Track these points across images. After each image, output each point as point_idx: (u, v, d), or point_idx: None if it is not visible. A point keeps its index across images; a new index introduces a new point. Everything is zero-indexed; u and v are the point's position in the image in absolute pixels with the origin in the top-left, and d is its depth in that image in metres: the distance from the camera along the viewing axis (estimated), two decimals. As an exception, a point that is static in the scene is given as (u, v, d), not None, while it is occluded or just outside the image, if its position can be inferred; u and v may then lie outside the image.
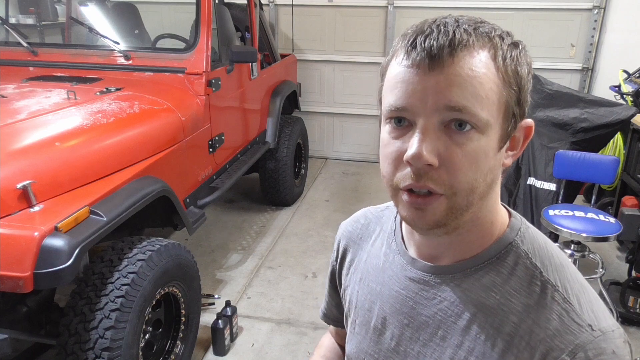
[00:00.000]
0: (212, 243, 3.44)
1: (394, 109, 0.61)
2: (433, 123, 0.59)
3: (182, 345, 2.15)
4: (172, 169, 2.36)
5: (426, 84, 0.58)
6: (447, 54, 0.58)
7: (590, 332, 0.60)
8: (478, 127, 0.59)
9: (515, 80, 0.61)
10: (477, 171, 0.60)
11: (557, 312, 0.62)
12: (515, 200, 3.22)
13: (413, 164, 0.59)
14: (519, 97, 0.62)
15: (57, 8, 4.17)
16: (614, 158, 2.83)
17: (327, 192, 4.39)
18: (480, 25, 0.61)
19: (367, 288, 0.80)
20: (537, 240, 0.69)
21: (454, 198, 0.61)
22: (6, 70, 2.75)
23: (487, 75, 0.59)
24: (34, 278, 1.51)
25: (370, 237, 0.84)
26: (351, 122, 5.09)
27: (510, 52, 0.61)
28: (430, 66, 0.58)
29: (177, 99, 2.52)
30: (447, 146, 0.59)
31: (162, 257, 1.90)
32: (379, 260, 0.79)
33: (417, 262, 0.72)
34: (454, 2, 4.42)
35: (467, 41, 0.59)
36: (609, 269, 3.08)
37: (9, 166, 1.68)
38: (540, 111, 3.27)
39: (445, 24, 0.60)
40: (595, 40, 4.31)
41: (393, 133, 0.63)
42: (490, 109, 0.60)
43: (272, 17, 4.89)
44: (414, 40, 0.60)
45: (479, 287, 0.66)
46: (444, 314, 0.68)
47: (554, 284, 0.64)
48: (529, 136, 0.67)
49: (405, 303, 0.73)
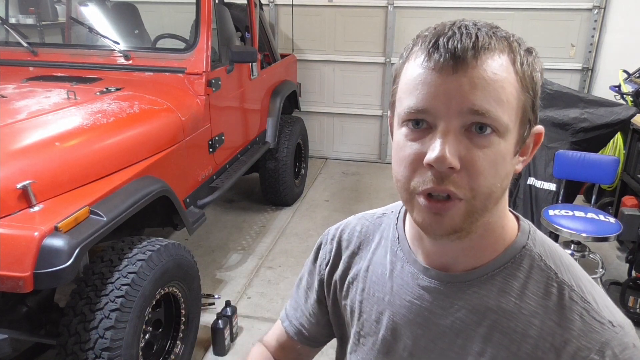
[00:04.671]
0: (212, 243, 3.44)
1: (413, 110, 0.60)
2: (455, 126, 0.58)
3: (182, 345, 2.15)
4: (172, 169, 2.36)
5: (449, 86, 0.57)
6: (471, 56, 0.57)
7: (612, 328, 0.62)
8: (498, 131, 0.59)
9: (531, 85, 0.61)
10: (496, 175, 0.60)
11: (578, 312, 0.63)
12: (515, 200, 3.22)
13: (436, 167, 0.58)
14: (534, 103, 0.63)
15: (57, 8, 4.17)
16: (614, 158, 2.83)
17: (327, 192, 4.39)
18: (497, 30, 0.61)
19: (373, 298, 0.77)
20: (546, 243, 0.69)
21: (472, 202, 0.60)
22: (6, 70, 2.75)
23: (508, 80, 0.59)
24: (33, 278, 1.50)
25: (369, 245, 0.81)
26: (351, 122, 5.09)
27: (526, 57, 0.61)
28: (454, 68, 0.57)
29: (177, 99, 2.52)
30: (468, 149, 0.58)
31: (162, 257, 1.90)
32: (384, 268, 0.77)
33: (429, 270, 0.70)
34: (454, 2, 4.42)
35: (489, 44, 0.58)
36: (609, 269, 3.08)
37: (9, 166, 1.68)
38: (540, 111, 3.22)
39: (467, 27, 0.59)
40: (595, 40, 4.31)
41: (410, 135, 0.61)
42: (510, 114, 0.59)
43: (272, 17, 4.89)
44: (436, 42, 0.58)
45: (497, 292, 0.66)
46: (462, 322, 0.67)
47: (569, 285, 0.65)
48: (539, 143, 0.67)
49: (419, 313, 0.71)
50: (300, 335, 0.91)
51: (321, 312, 0.89)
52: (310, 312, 0.90)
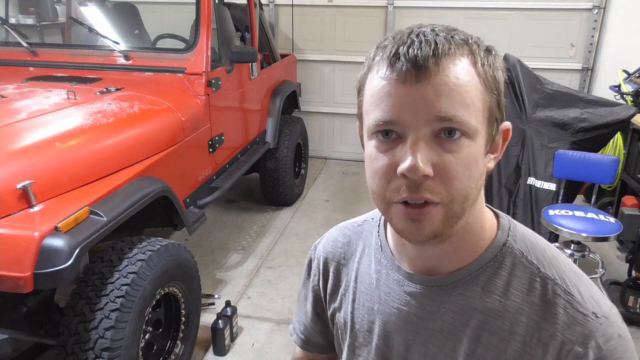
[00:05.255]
0: (212, 243, 3.44)
1: (381, 123, 0.60)
2: (424, 134, 0.58)
3: (182, 345, 2.15)
4: (172, 169, 2.36)
5: (414, 96, 0.58)
6: (432, 63, 0.57)
7: (596, 319, 0.62)
8: (468, 134, 0.59)
9: (494, 85, 0.62)
10: (470, 177, 0.60)
11: (562, 305, 0.63)
12: (515, 200, 3.22)
13: (410, 177, 0.58)
14: (499, 101, 0.63)
15: (57, 8, 4.17)
16: (614, 158, 2.83)
17: (327, 192, 4.39)
18: (455, 33, 0.61)
19: (363, 308, 0.77)
20: (527, 237, 0.70)
21: (450, 206, 0.60)
22: (6, 70, 2.75)
23: (471, 83, 0.59)
24: (34, 278, 1.51)
25: (354, 255, 0.82)
26: (351, 122, 5.09)
27: (487, 58, 0.62)
28: (417, 77, 0.57)
29: (177, 99, 2.52)
30: (440, 155, 0.59)
31: (162, 257, 1.90)
32: (370, 277, 0.77)
33: (414, 276, 0.71)
34: (454, 2, 4.42)
35: (449, 49, 0.59)
36: (609, 269, 3.08)
37: (9, 166, 1.68)
38: (540, 111, 3.27)
39: (424, 33, 0.59)
40: (595, 40, 4.31)
41: (381, 147, 0.61)
42: (477, 116, 0.60)
43: (272, 17, 4.89)
44: (396, 52, 0.59)
45: (481, 292, 0.67)
46: (450, 324, 0.68)
47: (552, 278, 0.65)
48: (507, 139, 0.68)
49: (408, 319, 0.71)
50: (308, 345, 0.95)
51: (322, 323, 0.91)
52: (312, 325, 0.93)
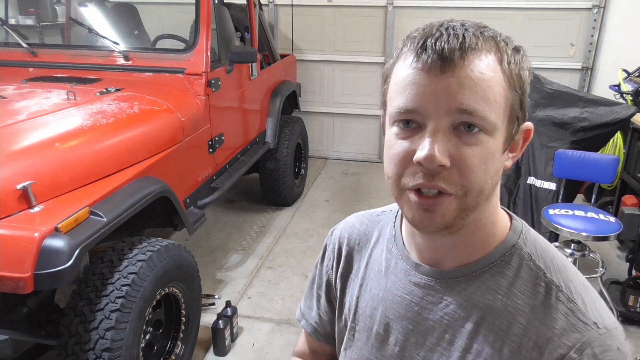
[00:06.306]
0: (212, 243, 3.44)
1: (403, 110, 0.61)
2: (444, 125, 0.59)
3: (183, 345, 2.15)
4: (172, 169, 2.36)
5: (437, 86, 0.59)
6: (458, 56, 0.58)
7: (596, 329, 0.62)
8: (487, 130, 0.60)
9: (519, 83, 0.62)
10: (486, 172, 0.61)
11: (563, 311, 0.63)
12: (515, 199, 3.22)
13: (425, 165, 0.59)
14: (522, 101, 0.63)
15: (56, 9, 4.17)
16: (613, 157, 2.83)
17: (327, 192, 4.39)
18: (484, 30, 0.62)
19: (369, 294, 0.79)
20: (538, 242, 0.70)
21: (464, 198, 0.61)
22: (6, 71, 2.75)
23: (495, 79, 0.60)
24: (34, 279, 1.51)
25: (369, 242, 0.83)
26: (351, 122, 5.09)
27: (514, 56, 0.62)
28: (441, 68, 0.58)
29: (176, 99, 2.52)
30: (457, 147, 0.59)
31: (162, 258, 1.90)
32: (380, 265, 0.78)
33: (421, 266, 0.72)
34: (454, 2, 4.42)
35: (476, 44, 0.59)
36: (609, 268, 3.08)
37: (9, 167, 1.68)
38: (540, 110, 3.27)
39: (454, 27, 0.60)
40: (594, 40, 4.31)
41: (401, 134, 0.62)
42: (498, 112, 0.60)
43: (271, 17, 4.89)
44: (424, 43, 0.60)
45: (485, 289, 0.67)
46: (450, 317, 0.69)
47: (557, 285, 0.65)
48: (528, 139, 0.68)
49: (410, 308, 0.72)
50: (317, 334, 0.94)
51: (332, 312, 0.91)
52: (323, 311, 0.92)
